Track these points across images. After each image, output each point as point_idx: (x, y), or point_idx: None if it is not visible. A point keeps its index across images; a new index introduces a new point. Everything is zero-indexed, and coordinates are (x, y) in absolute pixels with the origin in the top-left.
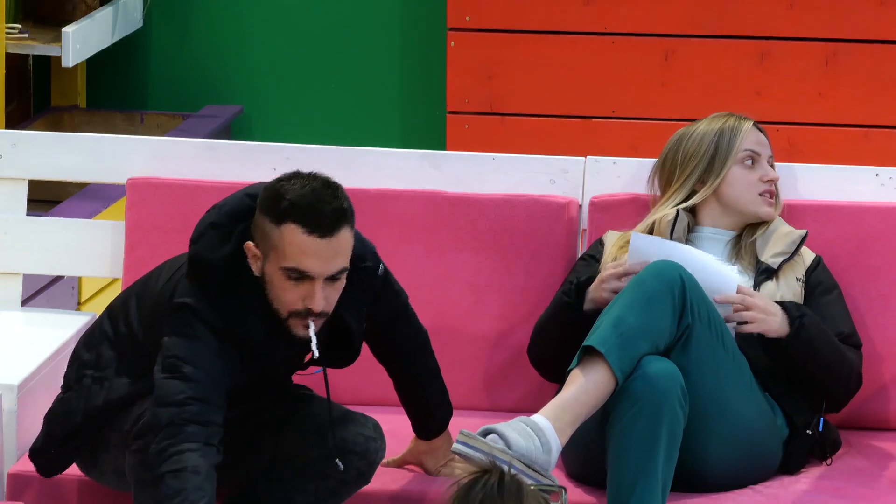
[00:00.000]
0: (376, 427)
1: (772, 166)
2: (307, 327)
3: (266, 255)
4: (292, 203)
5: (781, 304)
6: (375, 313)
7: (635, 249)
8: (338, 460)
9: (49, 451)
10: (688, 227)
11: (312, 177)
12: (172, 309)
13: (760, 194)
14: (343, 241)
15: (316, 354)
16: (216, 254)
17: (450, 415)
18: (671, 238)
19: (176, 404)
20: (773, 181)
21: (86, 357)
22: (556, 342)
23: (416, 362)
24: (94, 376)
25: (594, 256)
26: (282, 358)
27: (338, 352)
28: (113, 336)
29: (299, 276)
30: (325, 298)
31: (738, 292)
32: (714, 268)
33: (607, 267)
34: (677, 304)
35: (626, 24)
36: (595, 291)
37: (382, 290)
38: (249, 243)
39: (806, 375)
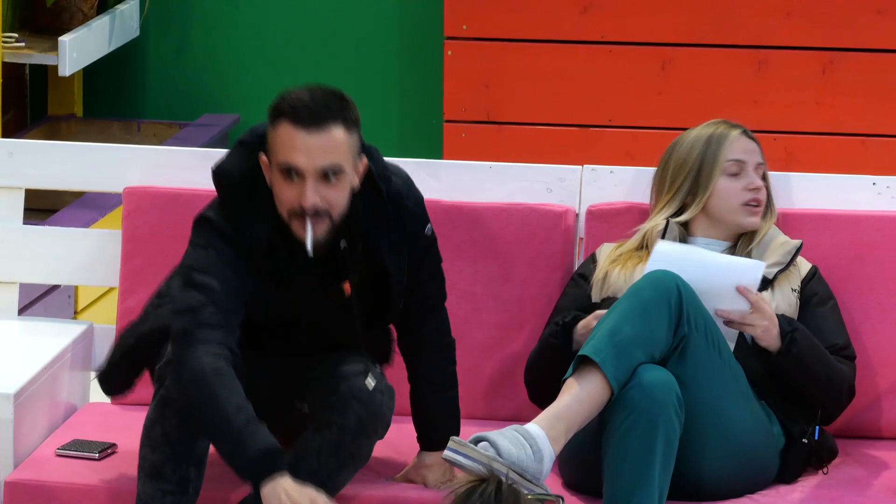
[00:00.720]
0: (388, 388)
1: (764, 174)
2: (307, 232)
3: (270, 160)
4: (286, 101)
5: (778, 318)
6: (416, 279)
7: (660, 256)
8: (305, 405)
9: (107, 369)
10: (679, 237)
11: (318, 84)
12: (193, 224)
13: (745, 204)
14: (334, 137)
15: (310, 251)
16: (237, 168)
17: (456, 432)
18: None
19: (189, 311)
20: (758, 189)
21: (162, 286)
22: (549, 378)
23: (438, 363)
24: (155, 303)
25: (584, 276)
26: (309, 287)
27: (377, 301)
28: None
29: (292, 173)
30: (319, 196)
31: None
32: (736, 263)
33: (596, 314)
34: (673, 313)
35: (623, 33)
36: (581, 335)
37: (427, 254)
38: (262, 153)
39: (795, 389)
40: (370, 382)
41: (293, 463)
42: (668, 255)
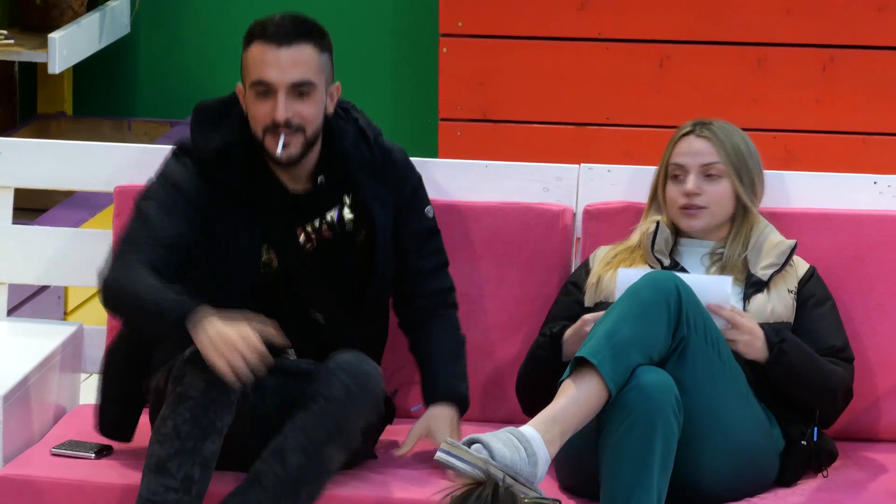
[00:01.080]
0: (377, 368)
1: (716, 173)
2: (279, 143)
3: (244, 85)
4: (257, 23)
5: (761, 327)
6: (405, 230)
7: (623, 284)
8: (290, 351)
9: (103, 407)
10: (669, 238)
11: (290, 11)
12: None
13: (681, 208)
14: (304, 53)
15: (279, 154)
16: (216, 100)
17: (464, 382)
18: (653, 251)
19: (128, 240)
20: (691, 195)
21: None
22: (540, 390)
23: (443, 325)
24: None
25: (576, 284)
26: (281, 224)
27: (363, 260)
28: None
29: (264, 90)
30: (291, 111)
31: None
32: (701, 281)
33: (583, 319)
34: (672, 314)
35: (620, 31)
36: (570, 345)
37: (413, 205)
38: (238, 83)
39: (788, 396)
40: (356, 356)
41: (281, 439)
42: (631, 282)
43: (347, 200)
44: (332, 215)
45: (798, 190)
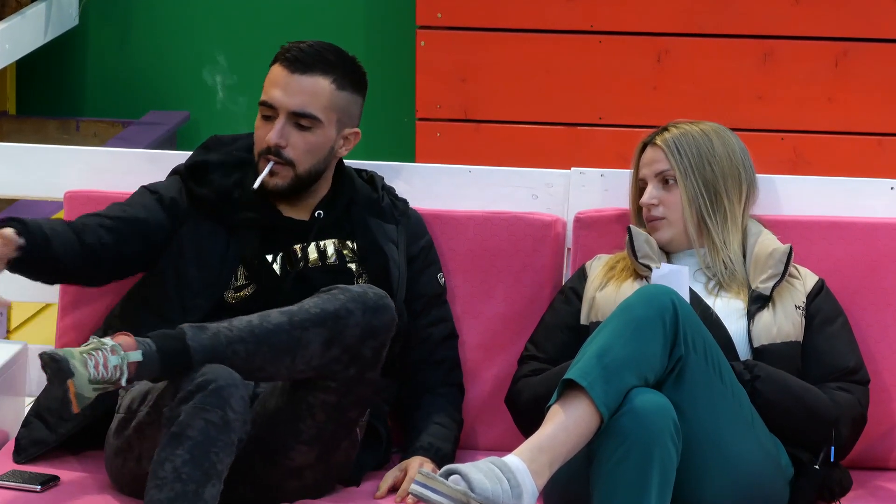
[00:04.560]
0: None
1: (672, 181)
2: (264, 170)
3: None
4: (286, 47)
5: (733, 366)
6: (415, 291)
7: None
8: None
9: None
10: (652, 238)
11: (331, 43)
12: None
13: (646, 220)
14: (316, 84)
15: (255, 185)
16: (232, 135)
17: (447, 448)
18: (638, 260)
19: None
20: (647, 207)
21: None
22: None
23: (442, 400)
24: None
25: (575, 290)
26: (264, 247)
27: (374, 276)
28: None
29: (268, 113)
30: (286, 139)
31: None
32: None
33: None
34: (669, 332)
35: (614, 22)
36: None
37: (426, 265)
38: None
39: (776, 432)
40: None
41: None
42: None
43: (352, 245)
44: (324, 243)
45: (808, 196)
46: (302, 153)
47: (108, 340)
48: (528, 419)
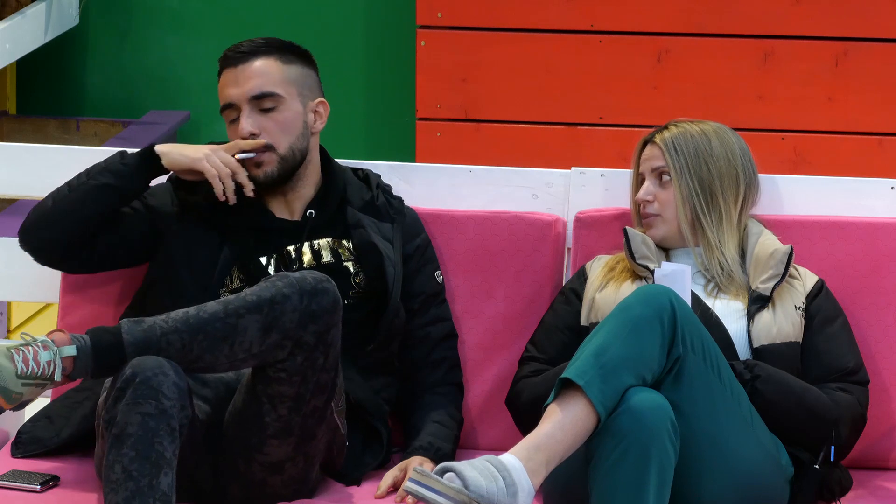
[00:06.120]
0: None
1: (668, 178)
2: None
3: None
4: (222, 56)
5: (733, 365)
6: (412, 289)
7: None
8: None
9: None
10: (649, 238)
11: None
12: None
13: (641, 217)
14: (261, 66)
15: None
16: None
17: (447, 448)
18: (636, 261)
19: None
20: (642, 203)
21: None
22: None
23: (442, 399)
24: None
25: (575, 291)
26: (257, 249)
27: (370, 274)
28: None
29: (232, 114)
30: (256, 125)
31: None
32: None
33: None
34: (667, 332)
35: (615, 22)
36: None
37: (422, 263)
38: None
39: (776, 432)
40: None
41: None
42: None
43: (347, 244)
44: (318, 243)
45: (808, 196)
46: (276, 133)
47: (41, 336)
48: (528, 420)
